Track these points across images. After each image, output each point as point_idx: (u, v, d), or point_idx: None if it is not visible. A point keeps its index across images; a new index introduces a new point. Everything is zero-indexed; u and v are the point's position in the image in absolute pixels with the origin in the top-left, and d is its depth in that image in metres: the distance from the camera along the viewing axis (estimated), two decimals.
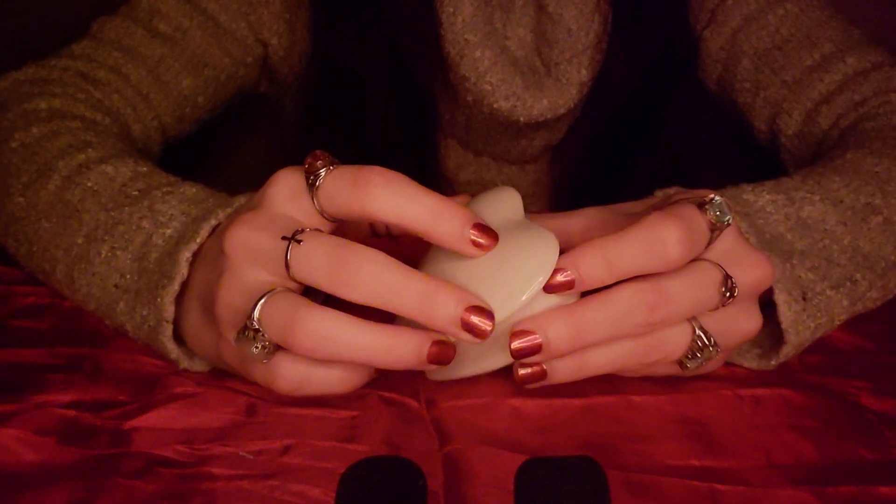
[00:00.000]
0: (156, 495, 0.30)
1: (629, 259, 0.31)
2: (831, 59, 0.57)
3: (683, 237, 0.31)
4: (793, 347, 0.37)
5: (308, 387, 0.32)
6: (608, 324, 0.31)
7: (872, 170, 0.43)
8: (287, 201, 0.32)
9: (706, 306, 0.33)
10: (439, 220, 0.31)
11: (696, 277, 0.32)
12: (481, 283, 0.31)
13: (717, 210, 0.33)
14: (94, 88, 0.53)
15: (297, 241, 0.30)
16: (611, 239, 0.32)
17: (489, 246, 0.31)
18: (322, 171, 0.32)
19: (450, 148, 0.66)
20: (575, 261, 0.31)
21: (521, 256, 0.31)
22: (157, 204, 0.39)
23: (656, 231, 0.31)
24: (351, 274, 0.29)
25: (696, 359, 0.34)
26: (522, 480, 0.25)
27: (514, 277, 0.31)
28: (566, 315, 0.31)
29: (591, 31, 0.58)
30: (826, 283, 0.38)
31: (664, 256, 0.31)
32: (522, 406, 0.36)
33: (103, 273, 0.39)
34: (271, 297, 0.31)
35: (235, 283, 0.32)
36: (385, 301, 0.30)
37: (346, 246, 0.30)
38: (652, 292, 0.31)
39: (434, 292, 0.30)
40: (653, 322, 0.32)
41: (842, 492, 0.31)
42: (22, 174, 0.44)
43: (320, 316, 0.30)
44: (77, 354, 0.40)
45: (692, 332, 0.33)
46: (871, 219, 0.41)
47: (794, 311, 0.37)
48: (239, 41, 0.61)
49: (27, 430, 0.33)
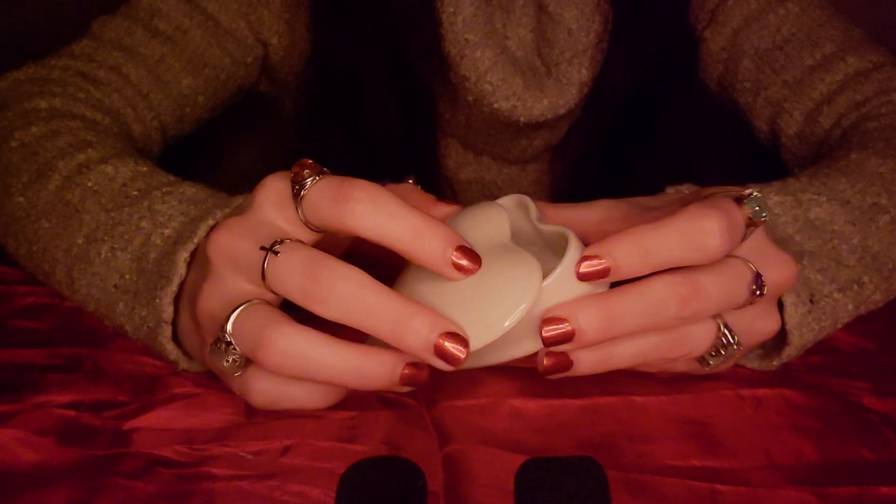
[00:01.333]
0: (155, 495, 0.30)
1: (668, 249, 0.31)
2: (832, 59, 0.57)
3: (725, 229, 0.31)
4: (795, 349, 0.37)
5: (283, 402, 0.32)
6: (641, 315, 0.31)
7: (877, 170, 0.43)
8: (272, 208, 0.32)
9: (735, 303, 0.32)
10: (421, 240, 0.30)
11: (728, 273, 0.32)
12: (460, 307, 0.30)
13: (755, 205, 0.32)
14: (94, 88, 0.53)
15: (274, 253, 0.30)
16: (649, 227, 0.31)
17: (472, 270, 0.30)
18: (308, 181, 0.31)
19: (450, 147, 0.66)
20: (610, 248, 0.30)
21: (503, 283, 0.30)
22: (156, 204, 0.39)
23: (697, 221, 0.31)
24: (325, 291, 0.29)
25: (719, 356, 0.34)
26: (522, 480, 0.25)
27: (495, 305, 0.30)
28: (600, 303, 0.31)
29: (592, 30, 0.58)
30: (834, 285, 0.38)
31: (704, 248, 0.31)
32: (522, 406, 0.36)
33: (103, 273, 0.39)
34: (245, 310, 0.30)
35: (215, 289, 0.32)
36: (358, 321, 0.29)
37: (323, 262, 0.29)
38: (686, 285, 0.31)
39: (408, 317, 0.29)
40: (683, 316, 0.31)
41: (843, 492, 0.31)
42: (22, 174, 0.44)
43: (289, 334, 0.29)
44: (77, 354, 0.40)
45: (717, 329, 0.33)
46: (878, 218, 0.41)
47: (800, 312, 0.36)
48: (239, 41, 0.61)
49: (27, 431, 0.33)
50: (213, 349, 0.31)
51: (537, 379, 0.33)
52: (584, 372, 0.33)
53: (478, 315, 0.30)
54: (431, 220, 0.30)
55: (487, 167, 0.66)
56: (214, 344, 0.31)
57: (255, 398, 0.32)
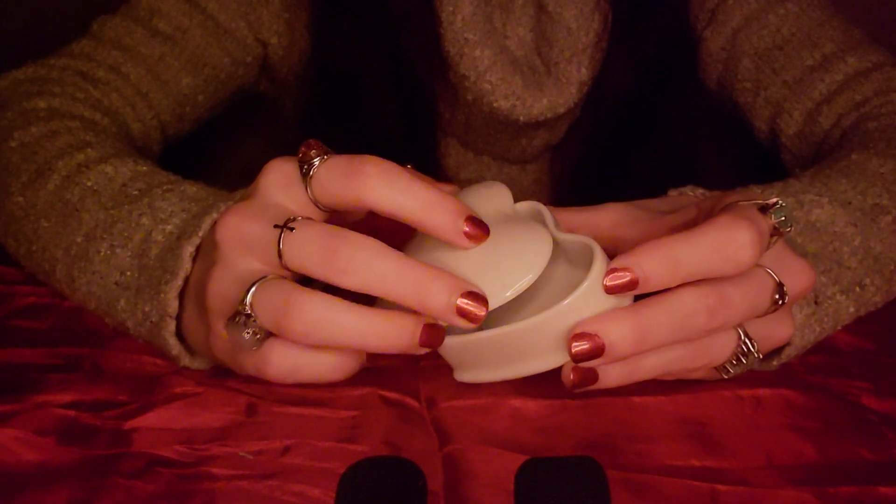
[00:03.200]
0: (156, 495, 0.30)
1: (698, 261, 0.30)
2: (832, 59, 0.57)
3: (756, 240, 0.30)
4: (796, 349, 0.37)
5: (299, 374, 0.32)
6: (670, 327, 0.31)
7: (878, 171, 0.43)
8: (280, 190, 0.32)
9: (758, 312, 0.32)
10: (433, 212, 0.31)
11: (753, 284, 0.32)
12: (474, 274, 0.31)
13: (781, 215, 0.32)
14: (93, 88, 0.53)
15: (289, 229, 0.30)
16: (679, 238, 0.30)
17: (481, 238, 0.31)
18: (316, 161, 0.32)
19: (449, 147, 0.66)
20: (639, 260, 0.30)
21: (515, 248, 0.31)
22: (156, 201, 0.39)
23: (730, 233, 0.30)
24: (344, 261, 0.29)
25: (740, 364, 0.34)
26: (522, 480, 0.25)
27: (507, 270, 0.31)
28: (631, 316, 0.30)
29: (591, 30, 0.58)
30: (837, 287, 0.38)
31: (734, 259, 0.30)
32: (522, 406, 0.36)
33: (103, 271, 0.39)
34: (264, 283, 0.31)
35: (227, 272, 0.32)
36: (380, 288, 0.30)
37: (339, 233, 0.30)
38: (713, 297, 0.31)
39: (429, 280, 0.30)
40: (710, 328, 0.31)
41: (842, 492, 0.31)
42: (21, 173, 0.44)
43: (314, 300, 0.30)
44: (77, 354, 0.40)
45: (738, 338, 0.33)
46: (880, 219, 0.41)
47: (804, 314, 0.36)
48: (238, 40, 0.61)
49: (27, 430, 0.33)
50: (232, 323, 0.31)
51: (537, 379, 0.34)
52: (609, 385, 0.33)
53: (496, 276, 0.31)
54: (441, 192, 0.31)
55: (487, 167, 0.66)
56: (233, 318, 0.31)
57: (273, 370, 0.32)
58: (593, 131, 0.63)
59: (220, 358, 0.35)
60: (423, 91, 0.60)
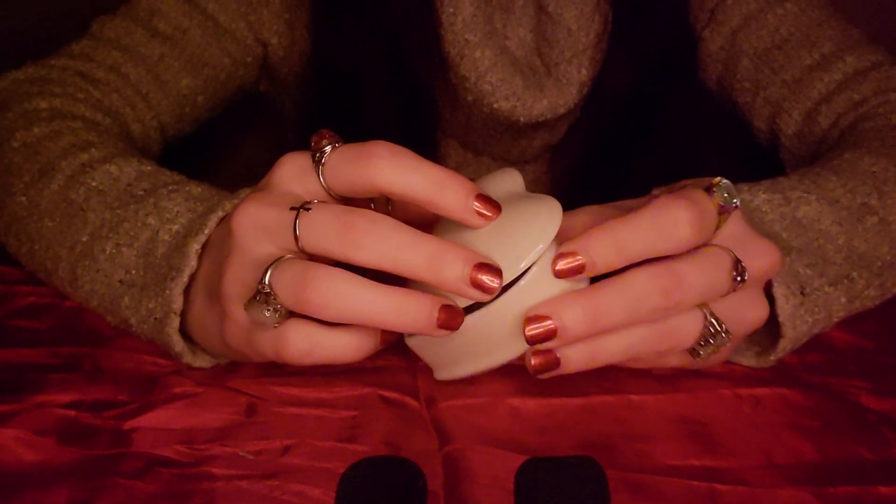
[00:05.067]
0: (156, 495, 0.30)
1: (639, 241, 0.31)
2: (831, 59, 0.57)
3: (694, 217, 0.31)
4: (790, 341, 0.37)
5: (317, 353, 0.32)
6: (624, 308, 0.31)
7: (869, 170, 0.43)
8: (293, 180, 0.33)
9: (718, 291, 0.33)
10: (444, 191, 0.31)
11: (707, 261, 0.32)
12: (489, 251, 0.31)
13: (724, 192, 0.33)
14: (93, 88, 0.53)
15: (305, 210, 0.31)
16: (620, 221, 0.32)
17: (493, 216, 0.32)
18: (327, 149, 0.32)
19: (450, 148, 0.66)
20: (585, 245, 0.31)
21: (524, 223, 0.32)
22: (162, 201, 0.39)
23: (666, 212, 0.31)
24: (360, 236, 0.30)
25: (708, 345, 0.34)
26: (522, 480, 0.25)
27: (518, 242, 0.31)
28: (582, 299, 0.31)
29: (591, 31, 0.58)
30: (824, 279, 0.38)
31: (675, 236, 0.31)
32: (522, 406, 0.36)
33: (108, 270, 0.39)
34: (282, 262, 0.31)
35: (244, 258, 0.32)
36: (395, 262, 0.30)
37: (354, 211, 0.30)
38: (666, 276, 0.31)
39: (443, 252, 0.30)
40: (667, 306, 0.32)
41: (842, 492, 0.31)
42: (24, 174, 0.44)
43: (333, 276, 0.30)
44: (77, 354, 0.40)
45: (703, 318, 0.33)
46: (866, 219, 0.41)
47: (791, 304, 0.37)
48: (238, 41, 0.61)
49: (27, 430, 0.33)
50: (252, 302, 0.31)
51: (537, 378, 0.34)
52: (573, 369, 0.33)
53: (506, 250, 0.31)
54: (451, 172, 0.32)
55: (487, 167, 0.66)
56: (254, 297, 0.31)
57: (290, 349, 0.32)
58: (593, 131, 0.63)
59: (234, 346, 0.35)
60: (424, 92, 0.60)
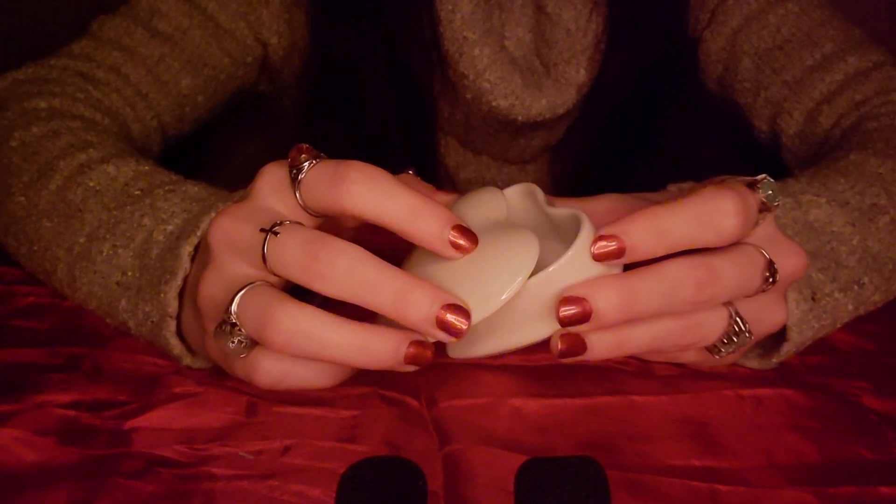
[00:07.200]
0: (156, 495, 0.30)
1: (682, 228, 0.30)
2: (832, 59, 0.57)
3: (740, 210, 0.31)
4: (794, 346, 0.37)
5: (288, 381, 0.32)
6: (658, 297, 0.31)
7: (876, 171, 0.43)
8: (272, 194, 0.32)
9: (748, 290, 0.32)
10: (417, 220, 0.30)
11: (743, 259, 0.32)
12: (461, 284, 0.30)
13: (768, 190, 0.32)
14: (93, 88, 0.53)
15: (274, 233, 0.30)
16: (664, 207, 0.31)
17: (468, 248, 0.30)
18: (305, 165, 0.31)
19: (449, 146, 0.66)
20: (626, 229, 0.30)
21: (500, 257, 0.30)
22: (158, 201, 0.39)
23: (713, 202, 0.31)
24: (325, 267, 0.29)
25: (731, 343, 0.33)
26: (522, 480, 0.25)
27: (494, 278, 0.30)
28: (619, 283, 0.30)
29: (590, 31, 0.58)
30: (835, 284, 0.38)
31: (719, 227, 0.31)
32: (522, 406, 0.36)
33: (105, 271, 0.39)
34: (249, 291, 0.30)
35: (217, 275, 0.32)
36: (359, 296, 0.29)
37: (322, 239, 0.29)
38: (702, 269, 0.31)
39: (409, 290, 0.29)
40: (698, 300, 0.31)
41: (843, 492, 0.31)
42: (23, 174, 0.44)
43: (294, 313, 0.29)
44: (77, 354, 0.40)
45: (729, 316, 0.33)
46: (878, 219, 0.41)
47: (801, 309, 0.36)
48: (238, 41, 0.61)
49: (27, 430, 0.33)
50: (219, 331, 0.31)
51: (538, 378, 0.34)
52: (598, 356, 0.32)
53: (477, 288, 0.30)
54: (428, 200, 0.30)
55: (487, 167, 0.66)
56: (220, 326, 0.31)
57: (261, 378, 0.32)
58: (593, 132, 0.63)
59: (215, 359, 0.35)
60: (423, 90, 0.60)
